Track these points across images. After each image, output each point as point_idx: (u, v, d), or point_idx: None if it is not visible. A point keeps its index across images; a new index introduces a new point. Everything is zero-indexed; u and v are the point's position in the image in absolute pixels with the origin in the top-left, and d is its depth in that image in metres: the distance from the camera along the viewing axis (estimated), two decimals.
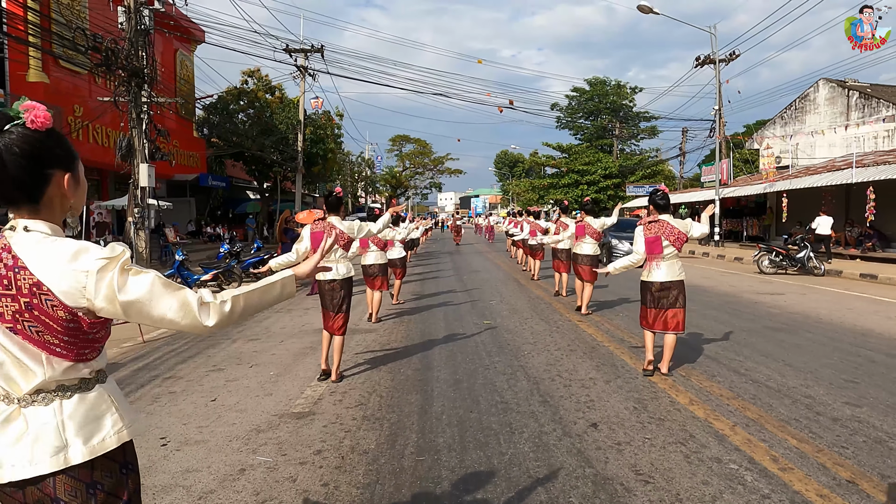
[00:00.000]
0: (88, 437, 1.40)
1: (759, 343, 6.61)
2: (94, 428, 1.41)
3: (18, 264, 1.35)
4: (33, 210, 1.42)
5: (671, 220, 5.27)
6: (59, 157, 1.43)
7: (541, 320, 8.27)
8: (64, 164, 1.45)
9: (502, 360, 6.02)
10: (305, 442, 3.94)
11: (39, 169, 1.39)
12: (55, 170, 1.42)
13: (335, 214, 5.48)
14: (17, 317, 1.35)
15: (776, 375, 5.22)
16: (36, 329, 1.36)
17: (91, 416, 1.42)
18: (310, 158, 30.48)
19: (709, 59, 26.75)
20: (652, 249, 5.23)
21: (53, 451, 1.36)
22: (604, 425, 4.05)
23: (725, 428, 3.93)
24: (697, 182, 42.64)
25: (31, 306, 1.35)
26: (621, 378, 5.23)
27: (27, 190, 1.39)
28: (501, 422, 4.18)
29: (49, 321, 1.35)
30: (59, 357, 1.38)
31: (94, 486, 1.39)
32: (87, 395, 1.43)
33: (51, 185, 1.41)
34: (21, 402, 1.38)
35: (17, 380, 1.38)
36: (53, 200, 1.44)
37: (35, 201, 1.41)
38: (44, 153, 1.39)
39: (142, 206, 14.25)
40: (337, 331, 5.40)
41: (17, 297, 1.35)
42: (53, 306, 1.35)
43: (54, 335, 1.36)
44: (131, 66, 13.57)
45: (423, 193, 75.63)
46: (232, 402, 4.88)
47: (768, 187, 22.52)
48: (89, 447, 1.39)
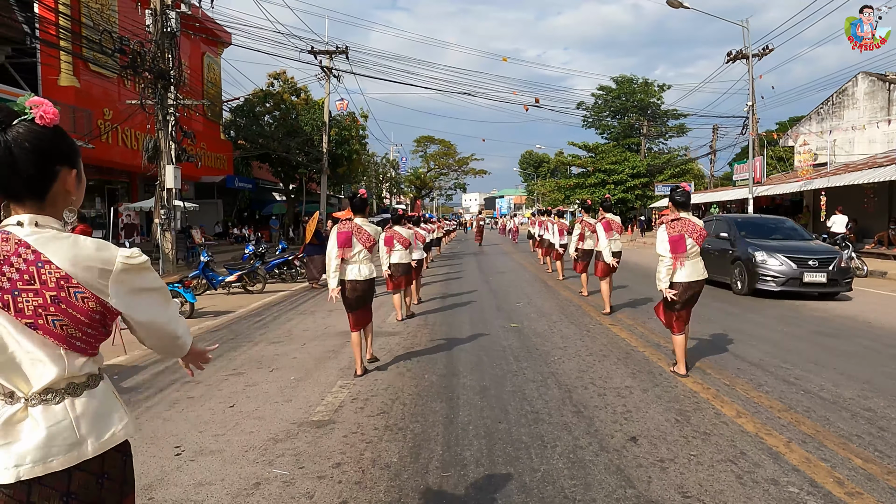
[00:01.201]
0: (101, 433, 1.43)
1: (806, 349, 6.20)
2: (105, 423, 1.45)
3: (42, 259, 1.35)
4: (38, 205, 1.41)
5: (692, 218, 5.20)
6: (66, 153, 1.44)
7: (570, 323, 7.96)
8: (70, 160, 1.46)
9: (531, 365, 5.74)
10: (324, 454, 3.73)
11: (47, 165, 1.40)
12: (62, 166, 1.43)
13: (361, 216, 5.51)
14: (41, 311, 1.34)
15: (829, 385, 4.84)
16: (61, 323, 1.36)
17: (101, 412, 1.45)
18: (335, 160, 30.52)
19: (741, 55, 25.94)
20: (676, 248, 5.08)
21: (68, 447, 1.37)
22: (644, 439, 3.75)
23: (780, 444, 3.59)
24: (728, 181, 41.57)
25: (59, 300, 1.35)
26: (659, 386, 4.90)
27: (34, 185, 1.39)
28: (532, 434, 3.91)
29: (76, 313, 1.37)
30: (77, 351, 1.40)
31: (102, 476, 1.44)
32: (94, 392, 1.46)
33: (57, 181, 1.43)
34: (29, 401, 1.37)
35: (28, 377, 1.37)
36: (57, 196, 1.44)
37: (41, 197, 1.41)
38: (52, 149, 1.40)
39: (168, 207, 14.30)
40: (362, 324, 5.64)
41: (42, 292, 1.34)
42: (84, 298, 1.37)
43: (79, 327, 1.38)
44: (157, 68, 13.62)
45: (447, 194, 75.54)
46: (250, 409, 4.70)
47: (805, 185, 21.71)
48: (101, 442, 1.42)
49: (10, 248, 1.35)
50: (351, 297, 5.48)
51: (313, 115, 29.36)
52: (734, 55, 26.20)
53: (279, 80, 30.30)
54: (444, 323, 8.34)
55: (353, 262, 5.43)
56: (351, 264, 5.46)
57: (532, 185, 71.94)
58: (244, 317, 9.52)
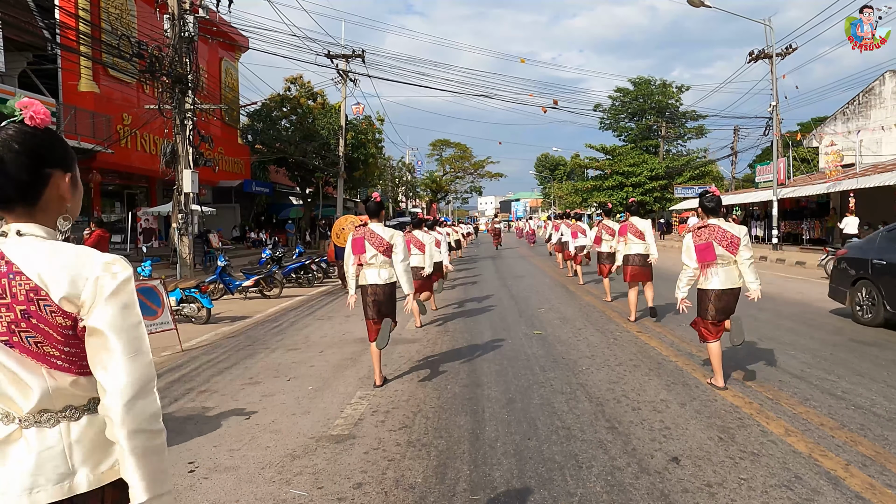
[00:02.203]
0: (97, 464, 1.28)
1: (849, 359, 5.87)
2: (104, 454, 1.30)
3: (13, 270, 1.25)
4: (28, 212, 1.32)
5: (723, 224, 4.88)
6: (59, 156, 1.36)
7: (596, 331, 7.68)
8: (64, 164, 1.37)
9: (558, 376, 5.48)
10: (344, 472, 3.52)
11: (39, 168, 1.31)
12: (55, 169, 1.34)
13: (376, 220, 5.40)
14: (13, 327, 1.24)
15: (882, 400, 4.52)
16: (34, 339, 1.24)
17: (100, 441, 1.29)
18: (351, 163, 30.50)
19: (763, 54, 25.42)
20: (704, 257, 4.85)
21: (58, 478, 1.24)
22: (687, 460, 3.48)
23: (837, 468, 3.31)
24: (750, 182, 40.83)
25: (29, 314, 1.24)
26: (697, 400, 4.62)
27: (24, 189, 1.30)
28: (565, 452, 3.66)
29: (48, 329, 1.25)
30: (60, 370, 1.26)
31: None
32: (96, 418, 1.30)
33: (49, 185, 1.33)
34: (23, 423, 1.26)
35: (15, 398, 1.25)
36: (50, 203, 1.34)
37: (32, 203, 1.32)
38: (44, 152, 1.32)
39: (185, 211, 14.26)
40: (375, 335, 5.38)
41: (13, 306, 1.24)
42: (52, 312, 1.24)
43: (54, 345, 1.25)
44: (175, 72, 13.61)
45: (463, 198, 75.34)
46: (267, 422, 4.51)
47: (832, 186, 21.14)
48: (97, 475, 1.28)
49: None
50: (370, 302, 5.37)
51: (330, 119, 29.38)
52: (756, 55, 25.68)
53: (296, 85, 30.38)
54: (464, 330, 8.11)
55: (371, 267, 5.36)
56: (370, 269, 5.37)
57: (548, 187, 71.45)
58: (261, 322, 9.39)
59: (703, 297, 4.98)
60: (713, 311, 4.91)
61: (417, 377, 5.64)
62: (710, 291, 4.90)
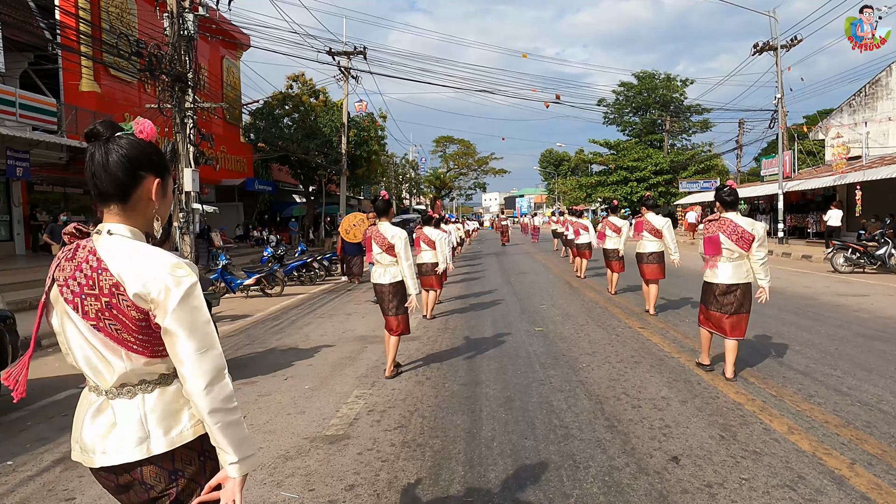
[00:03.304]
0: (168, 430, 1.50)
1: (855, 354, 5.76)
2: (173, 421, 1.51)
3: (101, 266, 1.46)
4: (121, 209, 1.52)
5: (736, 218, 4.81)
6: (154, 163, 1.56)
7: (597, 327, 7.58)
8: (156, 170, 1.57)
9: (558, 373, 5.40)
10: (337, 473, 3.45)
11: (134, 169, 1.51)
12: (148, 173, 1.54)
13: (385, 218, 5.49)
14: (100, 315, 1.46)
15: (889, 396, 4.42)
16: (115, 327, 1.45)
17: (170, 410, 1.51)
18: (354, 161, 30.41)
19: (768, 46, 25.19)
20: (709, 250, 4.86)
21: (137, 441, 1.47)
22: (687, 459, 3.39)
23: (842, 467, 3.21)
24: (755, 176, 40.54)
25: (111, 305, 1.45)
26: (699, 398, 4.53)
27: (120, 186, 1.50)
28: (563, 452, 3.58)
29: (125, 320, 1.45)
30: (136, 353, 1.47)
31: (175, 473, 1.52)
32: (167, 390, 1.53)
33: (141, 186, 1.53)
34: (108, 394, 1.51)
35: (103, 373, 1.49)
36: (139, 203, 1.54)
37: (124, 200, 1.52)
38: (142, 157, 1.53)
39: (186, 210, 14.21)
40: (393, 331, 5.47)
41: (100, 297, 1.45)
42: (128, 306, 1.44)
43: (130, 333, 1.46)
44: (175, 71, 13.55)
45: (467, 194, 75.13)
46: (262, 422, 4.45)
47: (839, 179, 20.90)
48: (169, 439, 1.49)
49: (83, 255, 1.49)
50: (382, 301, 5.56)
51: (332, 116, 29.29)
52: (761, 47, 25.45)
53: (298, 83, 30.28)
54: (465, 326, 8.04)
55: (378, 265, 5.54)
56: (377, 267, 5.55)
57: (552, 183, 71.20)
58: (261, 321, 9.34)
59: (708, 290, 4.99)
60: (716, 304, 4.89)
61: (416, 375, 5.57)
62: (714, 285, 4.90)
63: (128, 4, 20.52)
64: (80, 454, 1.54)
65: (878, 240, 13.73)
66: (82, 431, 1.53)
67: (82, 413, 1.56)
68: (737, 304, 4.82)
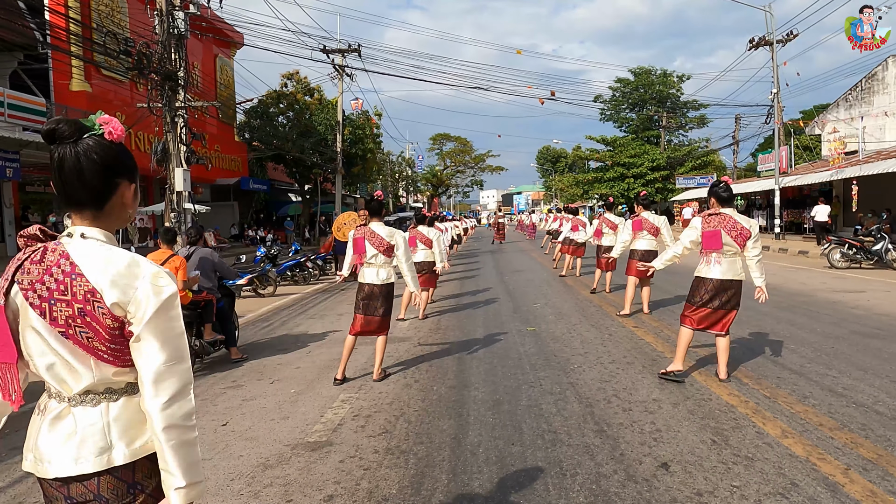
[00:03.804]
0: (132, 440, 1.43)
1: (851, 353, 5.66)
2: (137, 431, 1.44)
3: (76, 271, 1.40)
4: (95, 216, 1.47)
5: (734, 214, 4.74)
6: (128, 168, 1.51)
7: (591, 326, 7.48)
8: (130, 175, 1.53)
9: (549, 375, 5.29)
10: (316, 482, 3.34)
11: (111, 177, 1.47)
12: (123, 180, 1.50)
13: (377, 219, 5.40)
14: (70, 322, 1.39)
15: (885, 397, 4.32)
16: (86, 335, 1.40)
17: (135, 420, 1.45)
18: (349, 159, 30.28)
19: (764, 41, 25.10)
20: (709, 244, 4.76)
21: (98, 451, 1.40)
22: (677, 466, 3.29)
23: (836, 472, 3.11)
24: (752, 172, 40.46)
25: (84, 312, 1.39)
26: (691, 399, 4.43)
27: (96, 195, 1.45)
28: (549, 458, 3.48)
29: (98, 328, 1.39)
30: (105, 363, 1.42)
31: (135, 486, 1.44)
32: (132, 399, 1.46)
33: (116, 193, 1.49)
34: (71, 402, 1.43)
35: (67, 380, 1.43)
36: (114, 209, 1.50)
37: (100, 207, 1.47)
38: (117, 163, 1.47)
39: (178, 210, 14.09)
40: (377, 332, 5.39)
41: (72, 303, 1.39)
42: (103, 314, 1.39)
43: (102, 342, 1.40)
44: (164, 69, 13.40)
45: (464, 192, 75.00)
46: (243, 428, 4.34)
47: (835, 174, 20.83)
48: (132, 450, 1.42)
49: (54, 259, 1.42)
50: (364, 300, 5.39)
51: (327, 114, 29.14)
52: (757, 42, 25.35)
53: (292, 81, 30.13)
54: (456, 327, 7.93)
55: (371, 266, 5.38)
56: (369, 268, 5.40)
57: (550, 180, 71.08)
58: (252, 322, 9.22)
59: (700, 284, 4.87)
60: (706, 300, 4.78)
61: (404, 378, 5.46)
62: (708, 280, 4.80)
63: (118, 3, 20.35)
64: (34, 464, 1.45)
65: (874, 235, 13.65)
66: (38, 439, 1.45)
67: (39, 420, 1.47)
68: (727, 299, 4.75)
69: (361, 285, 5.40)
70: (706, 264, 4.83)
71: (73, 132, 1.42)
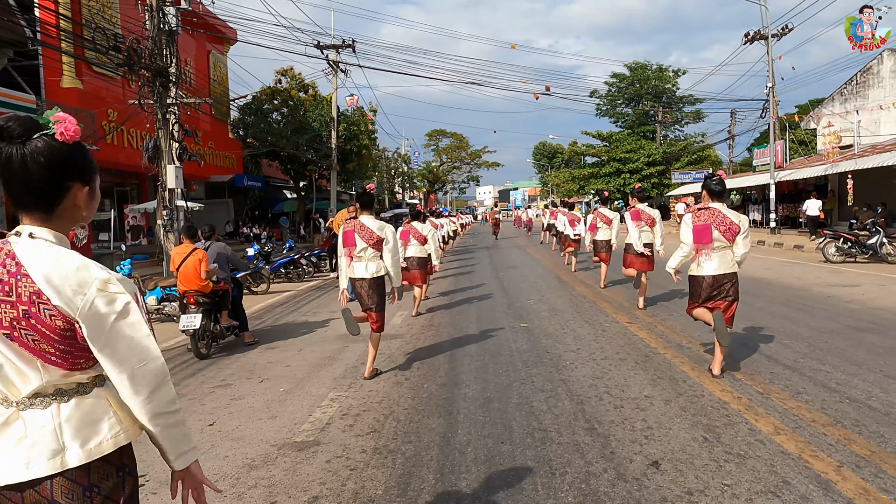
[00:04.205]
0: (86, 441, 1.39)
1: (845, 348, 5.62)
2: (90, 431, 1.41)
3: (21, 272, 1.35)
4: (44, 218, 1.42)
5: (724, 210, 4.73)
6: (80, 170, 1.44)
7: (584, 322, 7.44)
8: (84, 177, 1.46)
9: (540, 372, 5.24)
10: (302, 484, 3.28)
11: (59, 181, 1.40)
12: (75, 182, 1.44)
13: (367, 212, 5.34)
14: (15, 324, 1.35)
15: (878, 392, 4.28)
16: (32, 337, 1.35)
17: (88, 420, 1.41)
18: (344, 155, 30.15)
19: (759, 35, 25.05)
20: (700, 238, 4.73)
21: (50, 454, 1.36)
22: (668, 464, 3.24)
23: (829, 470, 3.07)
24: (747, 166, 40.45)
25: (29, 314, 1.35)
26: (683, 396, 4.38)
27: (44, 199, 1.40)
28: (539, 457, 3.42)
29: (45, 330, 1.35)
30: (53, 365, 1.37)
31: (90, 489, 1.40)
32: (84, 399, 1.43)
33: (67, 197, 1.43)
34: (19, 406, 1.38)
35: (14, 384, 1.38)
36: (66, 211, 1.45)
37: (49, 210, 1.42)
38: (67, 166, 1.41)
39: (170, 207, 13.99)
40: (371, 326, 5.33)
41: (17, 305, 1.35)
42: (51, 316, 1.34)
43: (49, 344, 1.36)
44: (155, 65, 13.28)
45: (460, 188, 74.95)
46: (230, 428, 4.28)
47: (830, 168, 20.81)
48: (86, 450, 1.39)
49: None
50: (357, 295, 5.37)
51: (321, 110, 29.00)
52: (752, 36, 25.30)
53: (287, 77, 29.95)
54: (449, 323, 7.87)
55: (360, 261, 5.31)
56: (358, 262, 5.33)
57: (546, 176, 71.02)
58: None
59: (695, 283, 4.87)
60: (705, 297, 4.80)
61: (394, 376, 5.40)
62: (700, 278, 4.80)
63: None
64: None
65: (869, 229, 13.64)
66: None
67: None
68: (724, 292, 4.74)
69: (352, 281, 5.38)
70: (696, 262, 4.82)
71: (23, 131, 1.36)
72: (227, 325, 7.01)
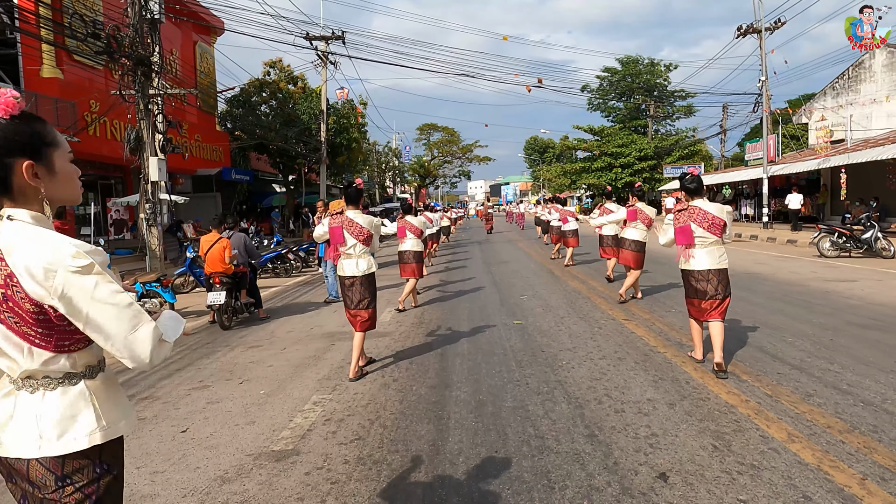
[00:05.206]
0: (61, 434, 1.39)
1: (850, 346, 5.41)
2: (67, 425, 1.40)
3: None
4: (10, 198, 1.40)
5: (704, 205, 4.68)
6: (23, 144, 1.39)
7: (579, 319, 7.18)
8: (29, 152, 1.40)
9: (535, 372, 4.98)
10: (278, 499, 3.00)
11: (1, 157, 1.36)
12: (16, 158, 1.38)
13: (354, 207, 5.12)
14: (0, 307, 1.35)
15: (893, 394, 4.05)
16: (14, 320, 1.36)
17: (67, 413, 1.41)
18: (334, 149, 29.73)
19: (752, 28, 24.88)
20: (681, 240, 4.75)
21: (33, 438, 1.38)
22: (676, 476, 2.98)
23: (852, 483, 2.82)
24: (739, 161, 40.42)
25: (7, 297, 1.35)
26: (688, 399, 4.13)
27: None
28: (536, 469, 3.16)
29: (21, 312, 1.35)
30: (39, 347, 1.38)
31: (63, 479, 1.40)
32: (69, 390, 1.42)
33: (16, 174, 1.39)
34: (15, 384, 1.42)
35: (12, 362, 1.40)
36: (24, 189, 1.40)
37: (7, 190, 1.39)
38: (8, 142, 1.37)
39: (153, 201, 13.59)
40: (359, 327, 5.12)
41: None
42: (22, 298, 1.34)
43: (28, 326, 1.36)
44: (136, 54, 12.84)
45: (452, 182, 74.50)
46: (204, 435, 3.98)
47: (823, 162, 20.70)
48: (61, 443, 1.39)
49: None
50: (347, 293, 5.16)
51: (311, 103, 28.55)
52: (745, 29, 25.12)
53: (275, 69, 29.45)
54: (441, 321, 7.59)
55: (349, 258, 5.09)
56: (348, 260, 5.10)
57: (537, 170, 70.80)
58: None
59: (686, 277, 4.89)
60: (696, 291, 4.76)
61: (382, 377, 5.12)
62: (689, 272, 4.82)
63: None
64: None
65: (863, 223, 13.51)
66: None
67: None
68: (713, 289, 4.68)
69: (342, 279, 5.17)
70: (684, 258, 4.83)
71: None
72: (246, 301, 8.24)
